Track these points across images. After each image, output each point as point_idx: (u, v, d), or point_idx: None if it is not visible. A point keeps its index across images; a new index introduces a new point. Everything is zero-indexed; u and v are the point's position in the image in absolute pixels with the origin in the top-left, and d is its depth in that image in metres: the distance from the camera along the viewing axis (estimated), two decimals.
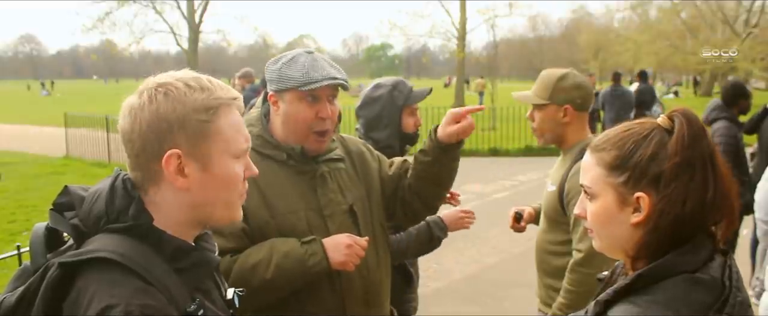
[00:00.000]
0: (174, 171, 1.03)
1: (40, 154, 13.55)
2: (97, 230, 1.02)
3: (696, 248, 1.03)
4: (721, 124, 4.72)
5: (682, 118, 1.05)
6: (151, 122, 1.02)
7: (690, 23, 34.25)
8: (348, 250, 1.71)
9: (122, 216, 1.02)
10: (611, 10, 49.12)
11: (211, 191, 1.06)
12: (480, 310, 4.71)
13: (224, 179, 1.07)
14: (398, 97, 2.44)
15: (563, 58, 52.16)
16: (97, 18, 22.48)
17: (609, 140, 1.10)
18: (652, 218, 1.04)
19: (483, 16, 24.26)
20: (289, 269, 1.67)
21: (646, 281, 1.02)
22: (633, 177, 1.05)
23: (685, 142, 1.02)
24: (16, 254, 3.29)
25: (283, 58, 1.81)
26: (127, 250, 0.98)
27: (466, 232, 2.63)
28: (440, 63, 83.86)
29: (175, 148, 1.02)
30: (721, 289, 1.00)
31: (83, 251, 0.97)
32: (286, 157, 1.81)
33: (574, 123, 2.31)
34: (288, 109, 1.79)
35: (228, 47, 31.05)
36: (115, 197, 1.03)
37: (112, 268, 0.95)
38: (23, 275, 1.03)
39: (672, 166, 1.02)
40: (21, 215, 7.84)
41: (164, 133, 1.02)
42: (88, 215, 1.03)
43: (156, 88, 1.03)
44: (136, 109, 1.03)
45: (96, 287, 0.93)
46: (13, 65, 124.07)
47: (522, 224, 2.62)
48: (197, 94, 1.04)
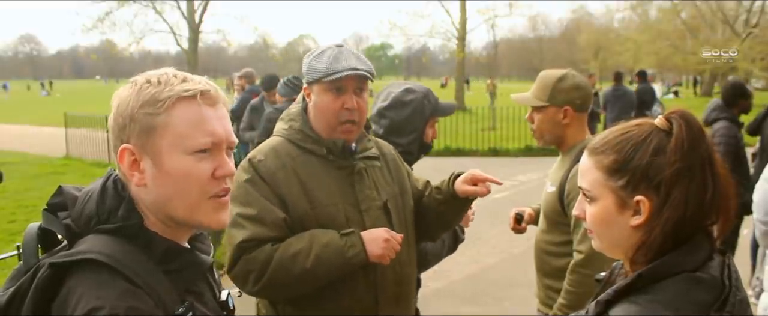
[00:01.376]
0: (128, 166, 1.02)
1: (40, 155, 13.55)
2: (88, 230, 1.01)
3: (695, 247, 1.03)
4: (722, 124, 4.72)
5: (680, 121, 1.05)
6: (114, 118, 1.03)
7: (690, 23, 34.24)
8: (385, 244, 1.75)
9: (112, 216, 1.01)
10: (611, 10, 49.17)
11: (164, 188, 1.02)
12: (480, 310, 4.71)
13: (177, 176, 1.01)
14: (427, 106, 2.43)
15: (563, 58, 52.18)
16: (97, 18, 22.45)
17: (607, 143, 1.10)
18: (652, 220, 1.04)
19: (483, 16, 24.39)
20: (328, 259, 1.71)
21: (647, 280, 1.02)
22: (632, 181, 1.06)
23: (685, 147, 1.02)
24: (16, 254, 3.29)
25: (314, 52, 1.88)
26: (116, 251, 0.97)
27: (467, 232, 2.64)
28: (440, 63, 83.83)
29: (127, 143, 1.02)
30: (722, 288, 1.00)
31: (73, 252, 0.97)
32: (326, 151, 1.86)
33: (574, 124, 2.30)
34: (317, 101, 1.85)
35: (228, 47, 31.08)
36: (105, 197, 1.03)
37: (100, 269, 0.95)
38: (17, 275, 1.03)
39: (672, 170, 1.02)
40: (21, 215, 7.84)
41: (121, 128, 1.02)
42: (80, 216, 1.02)
43: (129, 82, 1.05)
44: (113, 108, 1.05)
45: (83, 289, 0.93)
46: (13, 65, 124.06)
47: (523, 226, 2.62)
48: (151, 88, 1.01)
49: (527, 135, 12.94)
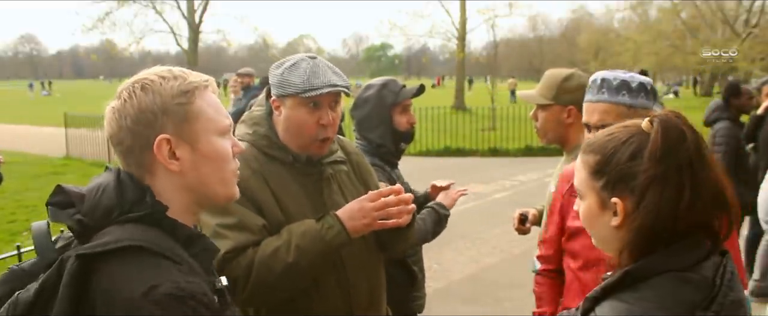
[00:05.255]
0: (166, 155, 1.08)
1: (40, 155, 13.56)
2: (106, 222, 1.03)
3: (688, 247, 1.03)
4: (722, 124, 4.72)
5: (657, 127, 1.04)
6: (136, 116, 1.07)
7: (690, 23, 34.22)
8: (363, 213, 1.69)
9: (136, 206, 1.04)
10: (611, 10, 49.08)
11: (203, 169, 1.11)
12: (480, 310, 4.71)
13: (214, 156, 1.12)
14: (387, 95, 2.45)
15: (563, 58, 52.13)
16: (97, 18, 22.46)
17: (594, 143, 1.12)
18: (627, 222, 1.05)
19: (483, 16, 24.31)
20: (308, 247, 1.65)
21: (634, 278, 1.03)
22: (610, 182, 1.07)
23: (658, 155, 1.02)
24: (16, 254, 3.29)
25: (285, 62, 1.80)
26: (150, 237, 1.01)
27: (466, 232, 2.65)
28: (440, 63, 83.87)
29: (164, 134, 1.07)
30: (711, 288, 1.00)
31: (105, 242, 0.98)
32: (292, 159, 1.81)
33: (578, 124, 2.30)
34: (289, 115, 1.78)
35: (228, 47, 31.05)
36: (125, 189, 1.06)
37: (141, 254, 0.98)
38: (13, 278, 1.04)
39: (644, 177, 1.02)
40: (21, 215, 7.84)
41: (151, 122, 1.07)
42: (95, 209, 1.04)
43: (132, 85, 1.09)
44: (118, 110, 1.08)
45: (129, 274, 0.95)
46: (13, 65, 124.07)
47: (527, 226, 2.62)
48: (172, 82, 1.09)
49: (527, 135, 12.94)
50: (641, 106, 1.82)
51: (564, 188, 2.04)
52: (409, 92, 2.48)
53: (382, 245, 1.96)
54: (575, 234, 1.94)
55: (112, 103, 1.10)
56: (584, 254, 1.91)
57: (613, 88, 1.82)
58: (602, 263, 1.86)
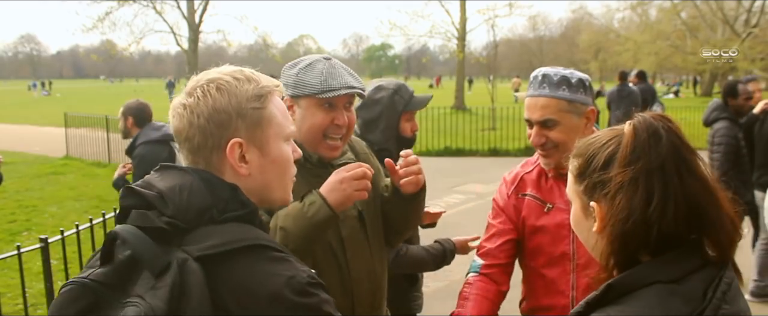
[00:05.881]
0: (238, 158, 1.09)
1: (40, 155, 13.57)
2: (198, 223, 1.00)
3: (678, 257, 0.98)
4: (722, 124, 4.72)
5: (630, 129, 1.01)
6: (210, 116, 1.07)
7: (690, 23, 34.26)
8: (343, 184, 1.63)
9: (230, 205, 1.04)
10: (611, 10, 49.02)
11: (269, 174, 1.13)
12: None
13: (280, 162, 1.14)
14: (399, 102, 2.43)
15: (563, 58, 52.14)
16: (97, 18, 22.42)
17: (579, 147, 1.10)
18: (604, 227, 1.01)
19: (483, 16, 24.26)
20: (294, 228, 1.62)
21: (618, 291, 0.98)
22: (589, 187, 1.05)
23: (628, 158, 0.99)
24: (16, 254, 3.30)
25: (300, 63, 1.80)
26: (258, 234, 1.02)
27: (466, 232, 2.65)
28: (440, 63, 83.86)
29: (237, 137, 1.08)
30: (700, 301, 0.95)
31: (226, 241, 0.97)
32: (303, 160, 1.80)
33: None
34: (304, 115, 1.78)
35: (228, 47, 30.91)
36: (216, 189, 1.05)
37: (265, 250, 1.00)
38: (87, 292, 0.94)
39: (615, 182, 0.99)
40: (21, 215, 7.85)
41: (225, 124, 1.07)
42: (186, 210, 0.99)
43: (207, 85, 1.09)
44: (190, 107, 1.08)
45: (265, 269, 0.97)
46: (13, 65, 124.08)
47: None
48: (246, 85, 1.10)
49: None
50: (580, 101, 1.83)
51: (510, 189, 2.04)
52: (420, 103, 2.47)
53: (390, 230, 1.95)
54: (536, 232, 1.94)
55: (183, 100, 1.10)
56: (547, 251, 1.91)
57: (554, 84, 1.82)
58: (566, 258, 1.87)
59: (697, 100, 26.10)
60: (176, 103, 1.11)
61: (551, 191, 1.94)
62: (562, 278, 1.89)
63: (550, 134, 1.84)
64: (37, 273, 4.78)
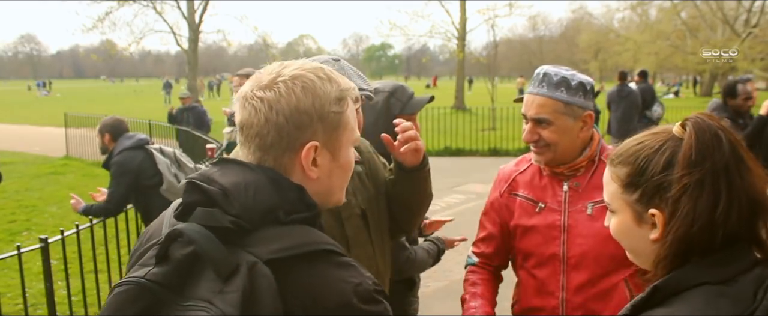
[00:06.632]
0: (310, 161, 1.04)
1: (40, 155, 13.57)
2: (262, 223, 0.95)
3: (726, 258, 0.96)
4: None
5: (691, 130, 0.98)
6: (291, 115, 1.01)
7: (690, 23, 34.26)
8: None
9: (295, 206, 0.99)
10: (611, 10, 49.07)
11: (335, 178, 1.10)
12: None
13: (347, 167, 1.12)
14: (395, 105, 2.38)
15: (563, 59, 52.12)
16: (97, 18, 22.47)
17: (623, 154, 1.06)
18: (666, 234, 0.99)
19: (483, 16, 24.26)
20: None
21: (665, 294, 0.97)
22: (646, 195, 1.01)
23: (693, 158, 0.96)
24: (16, 254, 3.30)
25: None
26: (323, 238, 0.99)
27: (467, 232, 2.66)
28: (440, 63, 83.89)
29: (314, 140, 1.04)
30: (750, 302, 0.92)
31: (295, 245, 0.93)
32: None
33: None
34: None
35: (228, 47, 30.99)
36: (283, 189, 1.00)
37: (331, 255, 0.97)
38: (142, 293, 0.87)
39: (679, 186, 0.96)
40: (21, 215, 7.85)
41: (304, 125, 1.02)
42: (252, 210, 0.94)
43: (291, 81, 1.02)
44: (270, 102, 1.00)
45: (334, 274, 0.95)
46: (13, 65, 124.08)
47: None
48: (328, 87, 1.05)
49: None
50: (578, 104, 1.82)
51: (502, 188, 2.04)
52: (417, 105, 2.41)
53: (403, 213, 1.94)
54: (527, 233, 1.94)
55: (259, 92, 1.01)
56: (538, 252, 1.92)
57: (553, 84, 1.82)
58: (557, 259, 1.87)
59: (697, 100, 26.11)
60: (249, 93, 1.02)
61: (544, 189, 1.93)
62: (552, 278, 1.89)
63: (543, 133, 1.84)
64: (37, 273, 4.78)
